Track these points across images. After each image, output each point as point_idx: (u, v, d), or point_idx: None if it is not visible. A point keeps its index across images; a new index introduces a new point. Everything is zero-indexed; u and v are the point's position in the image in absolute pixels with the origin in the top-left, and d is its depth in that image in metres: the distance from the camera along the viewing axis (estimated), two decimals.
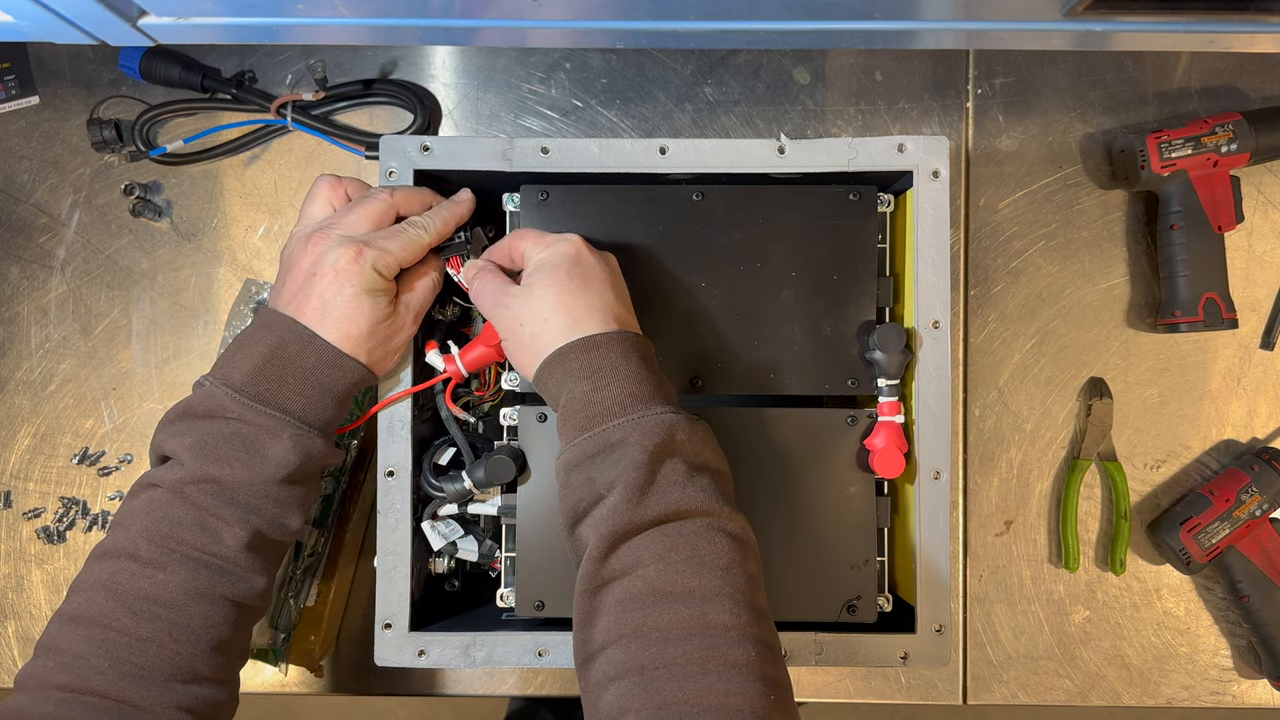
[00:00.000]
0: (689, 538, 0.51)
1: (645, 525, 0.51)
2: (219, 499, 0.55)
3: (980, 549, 0.82)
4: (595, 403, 0.54)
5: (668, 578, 0.50)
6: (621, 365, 0.55)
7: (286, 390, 0.57)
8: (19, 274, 0.83)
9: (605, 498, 0.53)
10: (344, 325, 0.58)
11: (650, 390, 0.54)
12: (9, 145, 0.83)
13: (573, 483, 0.54)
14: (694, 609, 0.49)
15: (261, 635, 0.76)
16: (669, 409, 0.54)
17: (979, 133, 0.84)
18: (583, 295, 0.57)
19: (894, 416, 0.65)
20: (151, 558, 0.54)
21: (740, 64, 0.84)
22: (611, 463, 0.52)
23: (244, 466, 0.55)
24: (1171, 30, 0.60)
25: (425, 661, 0.64)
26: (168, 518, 0.55)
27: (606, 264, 0.60)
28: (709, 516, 0.52)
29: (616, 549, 0.51)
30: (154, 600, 0.53)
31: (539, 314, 0.57)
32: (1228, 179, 0.79)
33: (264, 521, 0.57)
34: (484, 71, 0.84)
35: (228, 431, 0.56)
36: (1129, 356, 0.83)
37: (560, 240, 0.59)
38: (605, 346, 0.55)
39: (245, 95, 0.81)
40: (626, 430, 0.52)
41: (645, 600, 0.49)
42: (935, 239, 0.65)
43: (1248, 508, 0.78)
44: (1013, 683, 0.82)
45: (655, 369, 0.57)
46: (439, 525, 0.67)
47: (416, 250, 0.61)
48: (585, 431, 0.54)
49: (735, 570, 0.50)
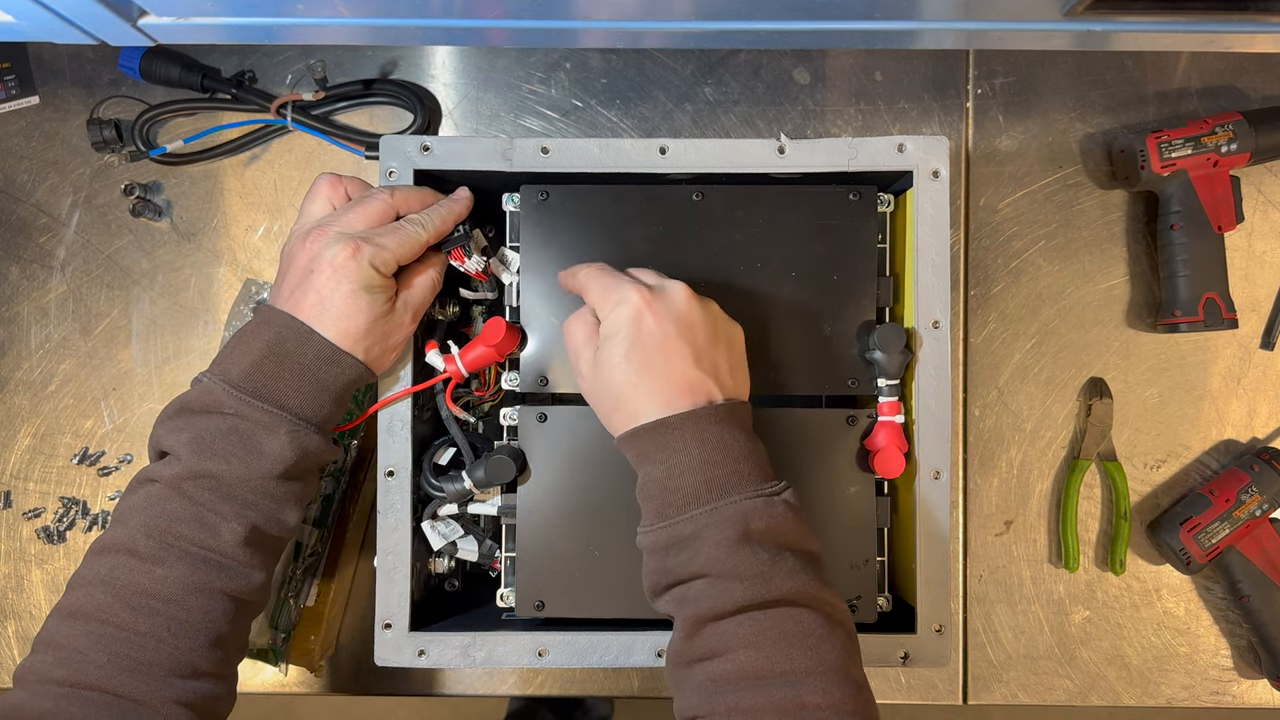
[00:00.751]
0: (776, 621, 0.50)
1: (729, 613, 0.50)
2: (216, 494, 0.55)
3: (980, 549, 0.82)
4: (670, 490, 0.53)
5: (758, 662, 0.49)
6: (695, 450, 0.53)
7: (283, 386, 0.57)
8: (19, 274, 0.83)
9: (684, 585, 0.52)
10: (342, 322, 0.58)
11: (728, 473, 0.53)
12: (9, 145, 0.83)
13: (651, 565, 0.54)
14: (788, 691, 0.48)
15: (261, 635, 0.76)
16: (746, 493, 0.52)
17: (979, 133, 0.84)
18: (647, 377, 0.55)
19: (894, 416, 0.65)
20: (150, 553, 0.54)
21: (740, 64, 0.84)
22: (688, 557, 0.52)
23: (241, 462, 0.55)
24: (1171, 30, 0.60)
25: (425, 661, 0.64)
26: (165, 513, 0.55)
27: (677, 316, 0.56)
28: (794, 598, 0.51)
29: (702, 630, 0.51)
30: (152, 595, 0.53)
31: (608, 396, 0.56)
32: (1228, 179, 0.79)
33: (261, 517, 0.57)
34: (484, 71, 0.84)
35: (225, 427, 0.56)
36: (1129, 356, 0.83)
37: (618, 304, 0.56)
38: (680, 428, 0.54)
39: (245, 95, 0.81)
40: (699, 524, 0.52)
41: (736, 683, 0.49)
42: (935, 239, 0.65)
43: (1248, 508, 0.78)
44: (1013, 683, 0.82)
45: (742, 437, 0.54)
46: (439, 525, 0.67)
47: (414, 247, 0.60)
48: (661, 520, 0.53)
49: (825, 647, 0.50)
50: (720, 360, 0.57)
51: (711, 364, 0.56)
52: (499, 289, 0.68)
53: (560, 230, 0.66)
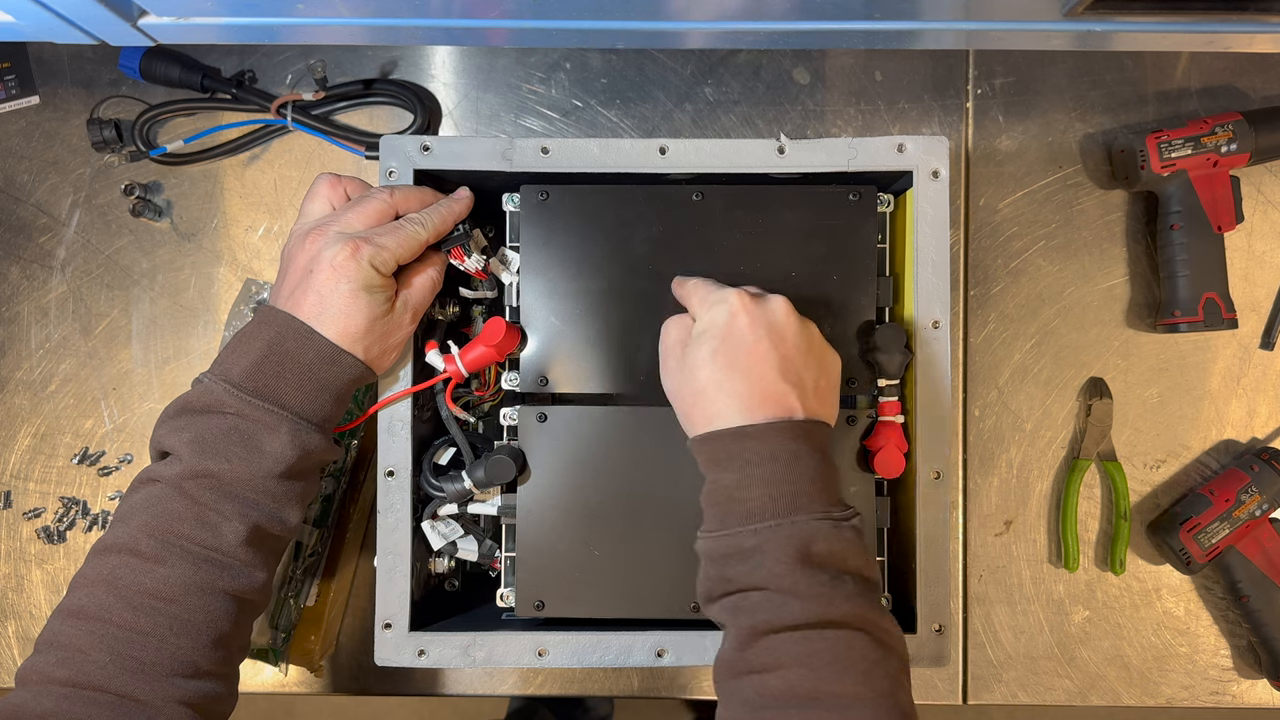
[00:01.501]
0: (830, 643, 0.50)
1: (787, 628, 0.50)
2: (217, 494, 0.55)
3: (980, 549, 0.82)
4: (736, 500, 0.53)
5: (809, 682, 0.49)
6: (770, 465, 0.53)
7: (284, 385, 0.57)
8: (19, 274, 0.83)
9: (741, 594, 0.52)
10: (341, 322, 0.58)
11: (796, 491, 0.52)
12: (9, 145, 0.83)
13: (709, 571, 0.54)
14: (834, 715, 0.48)
15: (261, 635, 0.76)
16: (813, 514, 0.52)
17: (979, 133, 0.84)
18: (732, 378, 0.54)
19: (894, 416, 0.65)
20: (151, 553, 0.54)
21: (740, 64, 0.84)
22: (748, 569, 0.52)
23: (242, 461, 0.56)
24: (1171, 30, 0.60)
25: (425, 661, 0.64)
26: (167, 512, 0.55)
27: (772, 324, 0.56)
28: (852, 622, 0.51)
29: (755, 643, 0.51)
30: (154, 595, 0.53)
31: (690, 392, 0.56)
32: (1228, 179, 0.79)
33: (262, 516, 0.57)
34: (484, 71, 0.84)
35: (226, 427, 0.56)
36: (1129, 356, 0.83)
37: (716, 303, 0.57)
38: (757, 438, 0.53)
39: (245, 95, 0.81)
40: (762, 539, 0.52)
41: (785, 701, 0.49)
42: (935, 239, 0.65)
43: (1247, 508, 0.78)
44: (1013, 683, 0.82)
45: (816, 458, 0.54)
46: (439, 525, 0.67)
47: (414, 246, 0.60)
48: (723, 528, 0.53)
49: (877, 673, 0.50)
50: (808, 377, 0.56)
51: (798, 378, 0.56)
52: (499, 288, 0.68)
53: (560, 230, 0.66)
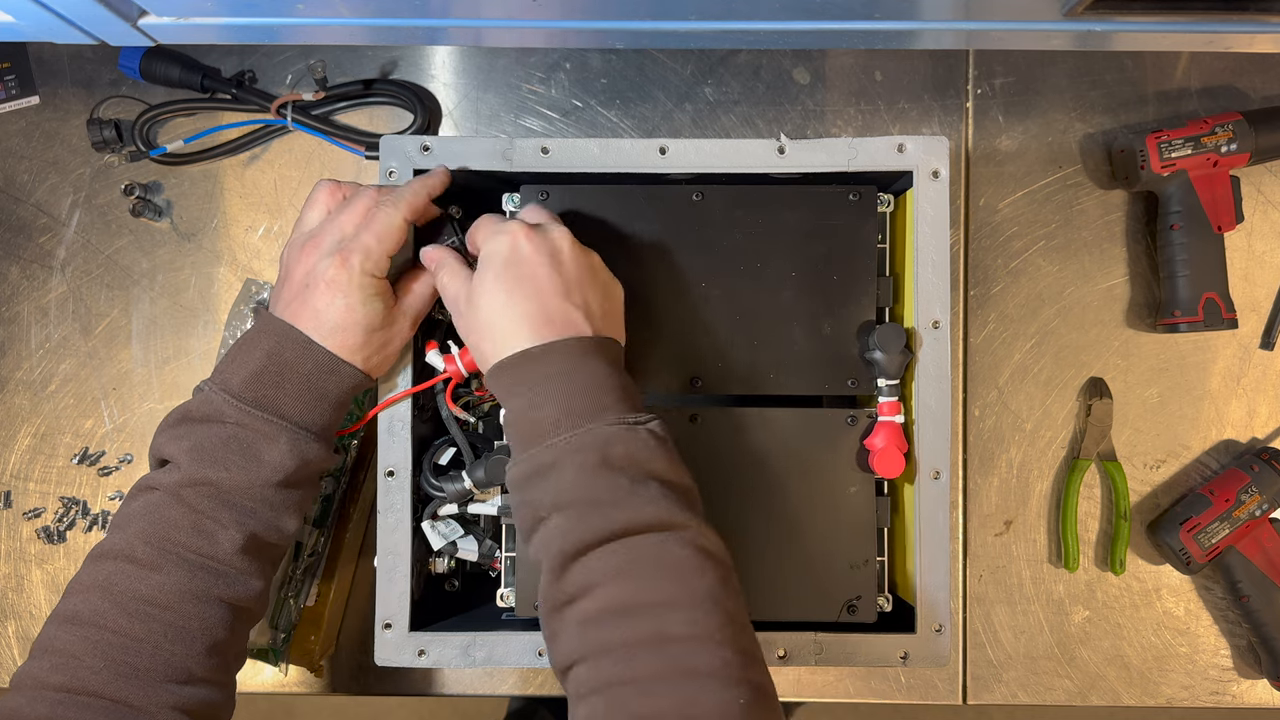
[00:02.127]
0: (637, 549, 0.49)
1: (592, 544, 0.49)
2: (215, 502, 0.55)
3: (980, 549, 0.82)
4: (531, 421, 0.53)
5: (622, 595, 0.48)
6: (561, 381, 0.53)
7: (283, 396, 0.57)
8: (19, 274, 0.83)
9: (546, 519, 0.51)
10: (339, 335, 0.58)
11: (590, 402, 0.52)
12: (9, 145, 0.83)
13: (515, 502, 0.54)
14: (651, 623, 0.47)
15: (261, 635, 0.76)
16: (610, 419, 0.52)
17: (979, 133, 0.84)
18: (516, 301, 0.55)
19: (894, 416, 0.65)
20: (148, 559, 0.54)
21: (740, 64, 0.84)
22: (547, 485, 0.51)
23: (240, 470, 0.56)
24: (1171, 30, 0.60)
25: (425, 661, 0.64)
26: (164, 520, 0.55)
27: (554, 251, 0.56)
28: (657, 526, 0.50)
29: (569, 568, 0.50)
30: (150, 601, 0.53)
31: (477, 328, 0.56)
32: (1228, 179, 0.79)
33: (260, 525, 0.57)
34: (484, 71, 0.84)
35: (225, 436, 0.56)
36: (1129, 356, 0.83)
37: (497, 233, 0.57)
38: (543, 357, 0.53)
39: (245, 95, 0.81)
40: (558, 452, 0.51)
41: (603, 619, 0.48)
42: (935, 239, 0.65)
43: (1247, 508, 0.78)
44: (1013, 683, 0.82)
45: (606, 370, 0.54)
46: (439, 525, 0.67)
47: (392, 231, 0.58)
48: (522, 450, 0.53)
49: (692, 579, 0.49)
50: (593, 300, 0.57)
51: (583, 300, 0.56)
52: None
53: None
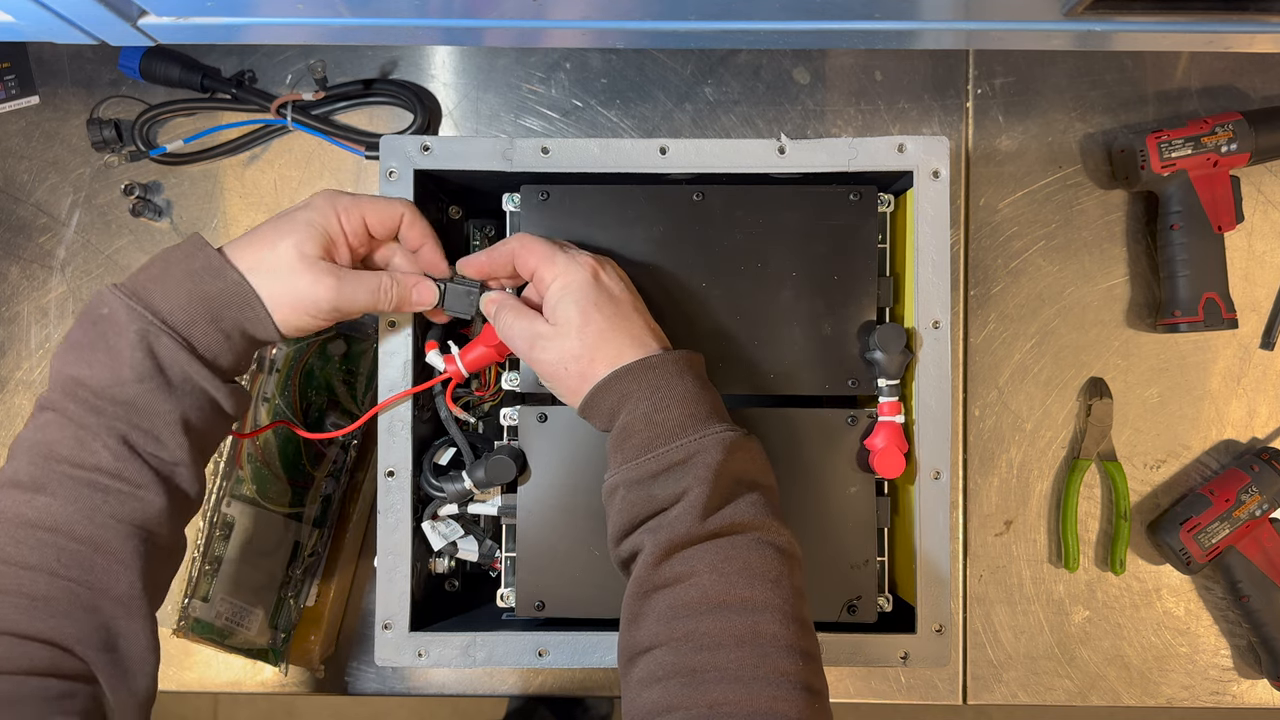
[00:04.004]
0: (742, 550, 0.52)
1: (703, 538, 0.52)
2: (85, 407, 0.52)
3: (980, 549, 0.82)
4: (657, 423, 0.54)
5: (721, 588, 0.50)
6: (679, 385, 0.55)
7: (154, 285, 0.54)
8: (19, 274, 0.83)
9: (667, 510, 0.53)
10: (262, 250, 0.56)
11: (706, 410, 0.55)
12: (9, 145, 0.83)
13: (631, 498, 0.54)
14: (746, 618, 0.50)
15: (261, 635, 0.76)
16: (725, 427, 0.54)
17: (979, 133, 0.84)
18: (620, 322, 0.57)
19: (894, 416, 0.65)
20: (32, 481, 0.51)
21: (740, 64, 0.84)
22: (675, 479, 0.53)
23: (102, 366, 0.52)
24: (1171, 30, 0.60)
25: (425, 661, 0.64)
26: (47, 437, 0.52)
27: (622, 280, 0.60)
28: (760, 531, 0.53)
29: (671, 556, 0.52)
30: (38, 526, 0.50)
31: (584, 353, 0.56)
32: (1228, 179, 0.79)
33: (132, 431, 0.53)
34: (484, 71, 0.84)
35: (95, 329, 0.53)
36: (1129, 356, 0.83)
37: (573, 265, 0.58)
38: (661, 368, 0.55)
39: (245, 95, 0.81)
40: (690, 450, 0.53)
41: (698, 608, 0.50)
42: (935, 239, 0.65)
43: (1247, 508, 0.78)
44: (1013, 683, 0.82)
45: (707, 384, 0.57)
46: (439, 525, 0.67)
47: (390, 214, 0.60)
48: (648, 451, 0.54)
49: (784, 583, 0.51)
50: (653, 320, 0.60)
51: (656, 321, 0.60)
52: None
53: (560, 230, 0.66)
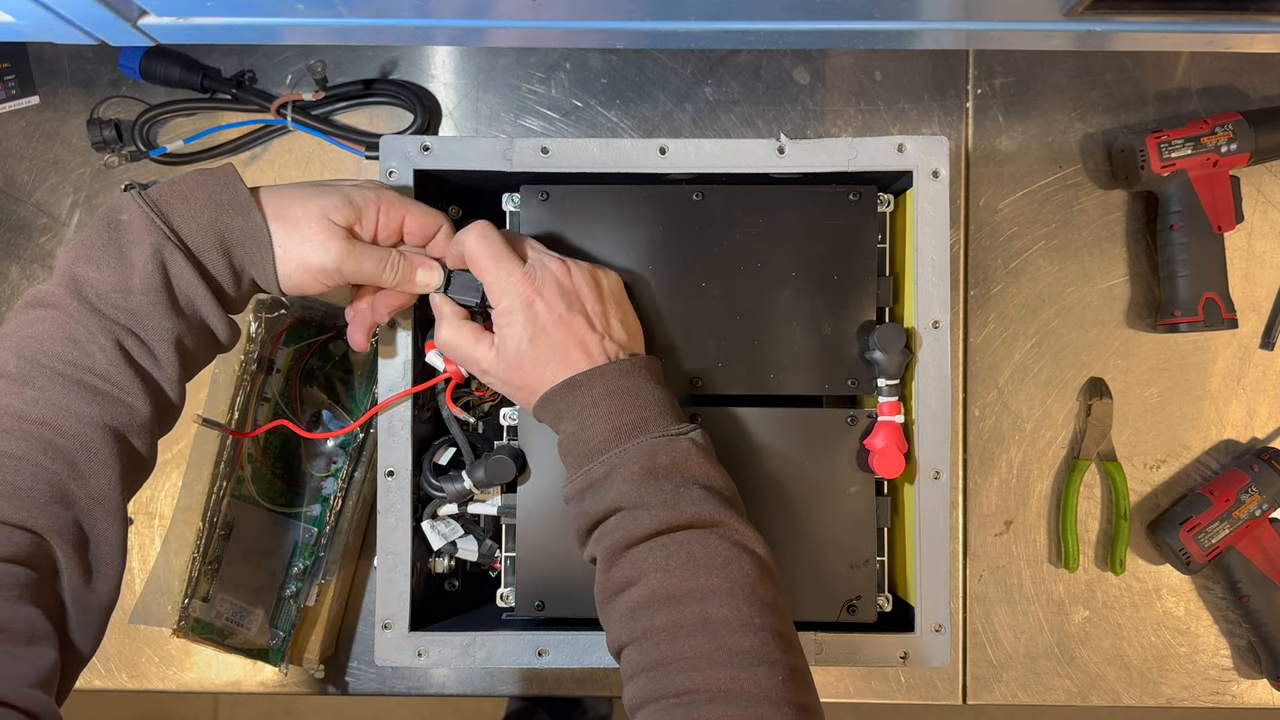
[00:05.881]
0: (681, 543, 0.53)
1: (639, 539, 0.53)
2: (86, 307, 0.52)
3: (980, 549, 0.82)
4: (582, 441, 0.57)
5: (668, 583, 0.52)
6: (604, 402, 0.56)
7: (179, 205, 0.54)
8: (19, 274, 0.83)
9: (600, 523, 0.56)
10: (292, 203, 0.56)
11: (633, 419, 0.56)
12: (9, 145, 0.83)
13: (573, 513, 0.58)
14: (694, 608, 0.51)
15: (261, 635, 0.76)
16: (654, 433, 0.56)
17: (979, 133, 0.84)
18: (551, 346, 0.58)
19: (894, 416, 0.65)
20: (19, 373, 0.51)
21: (740, 64, 0.84)
22: (599, 496, 0.55)
23: (111, 270, 0.52)
24: (1171, 30, 0.60)
25: (425, 661, 0.64)
26: (38, 332, 0.51)
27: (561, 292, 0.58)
28: (699, 523, 0.54)
29: (618, 561, 0.54)
30: (23, 417, 0.50)
31: (519, 376, 0.59)
32: (1228, 179, 0.79)
33: (129, 339, 0.52)
34: (484, 71, 0.84)
35: (110, 233, 0.53)
36: (1129, 356, 0.83)
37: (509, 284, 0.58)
38: (584, 385, 0.57)
39: (245, 95, 0.81)
40: (608, 465, 0.55)
41: (649, 605, 0.52)
42: (935, 239, 0.65)
43: (1247, 508, 0.78)
44: (1013, 683, 0.82)
45: (647, 387, 0.58)
46: (439, 525, 0.67)
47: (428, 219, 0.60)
48: (578, 469, 0.57)
49: (732, 568, 0.52)
50: (612, 319, 0.60)
51: (604, 324, 0.60)
52: None
53: (560, 231, 0.66)
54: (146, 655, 0.81)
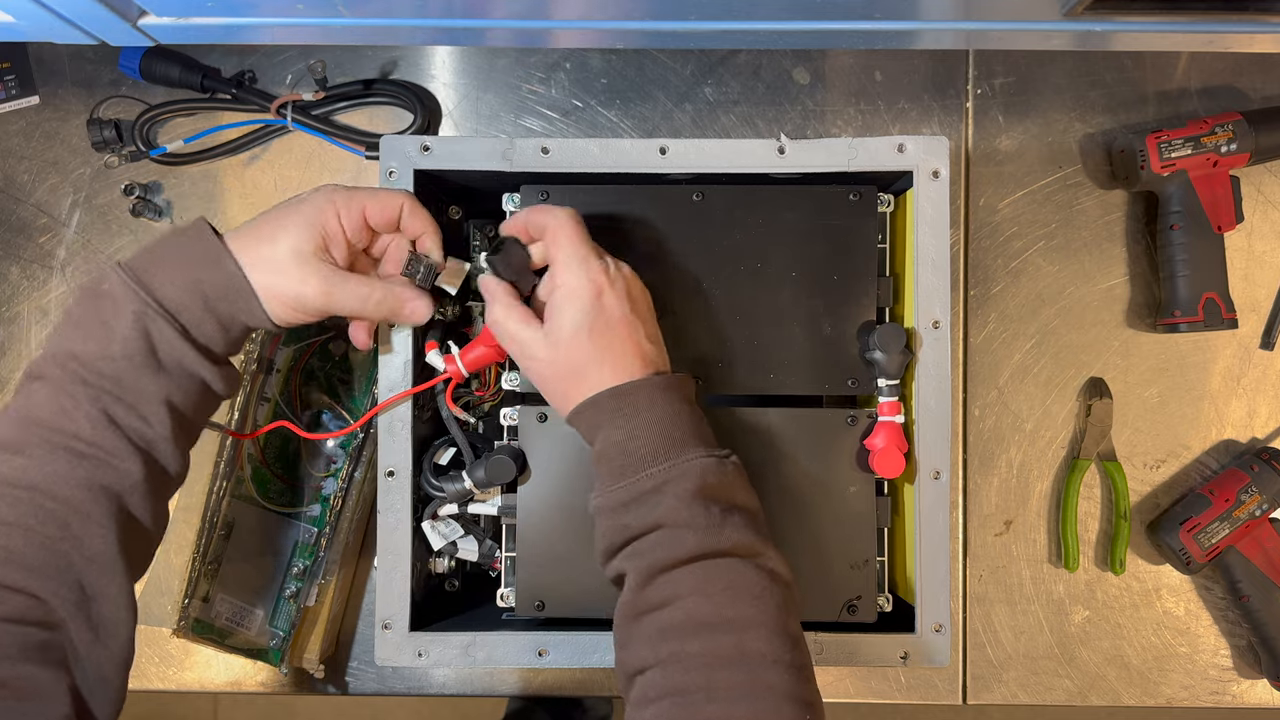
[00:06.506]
0: (725, 571, 0.52)
1: (681, 561, 0.52)
2: (72, 377, 0.53)
3: (980, 549, 0.82)
4: (629, 452, 0.55)
5: (706, 609, 0.51)
6: (653, 412, 0.55)
7: (157, 270, 0.55)
8: (19, 274, 0.83)
9: (640, 537, 0.54)
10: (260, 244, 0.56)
11: (682, 434, 0.55)
12: (9, 145, 0.83)
13: (608, 525, 0.56)
14: (731, 637, 0.50)
15: (261, 635, 0.76)
16: (700, 453, 0.55)
17: (979, 133, 0.84)
18: (608, 346, 0.57)
19: (894, 416, 0.65)
20: (12, 441, 0.52)
21: (740, 64, 0.84)
22: (647, 509, 0.54)
23: (95, 341, 0.53)
24: (1171, 30, 0.60)
25: (425, 661, 0.64)
26: (30, 401, 0.53)
27: (629, 294, 0.58)
28: (741, 551, 0.53)
29: (654, 580, 0.53)
30: (14, 484, 0.51)
31: (566, 372, 0.57)
32: (1227, 179, 0.79)
33: (116, 406, 0.53)
34: (484, 71, 0.84)
35: (94, 303, 0.54)
36: (1129, 356, 0.83)
37: (582, 278, 0.57)
38: (636, 394, 0.56)
39: (245, 95, 0.81)
40: (659, 479, 0.54)
41: (684, 629, 0.51)
42: (935, 239, 0.65)
43: (1247, 508, 0.78)
44: (1013, 683, 0.82)
45: (688, 407, 0.57)
46: (439, 525, 0.67)
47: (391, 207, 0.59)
48: (620, 480, 0.55)
49: (767, 599, 0.52)
50: (655, 335, 0.60)
51: (655, 338, 0.59)
52: None
53: None
54: (146, 655, 0.80)
